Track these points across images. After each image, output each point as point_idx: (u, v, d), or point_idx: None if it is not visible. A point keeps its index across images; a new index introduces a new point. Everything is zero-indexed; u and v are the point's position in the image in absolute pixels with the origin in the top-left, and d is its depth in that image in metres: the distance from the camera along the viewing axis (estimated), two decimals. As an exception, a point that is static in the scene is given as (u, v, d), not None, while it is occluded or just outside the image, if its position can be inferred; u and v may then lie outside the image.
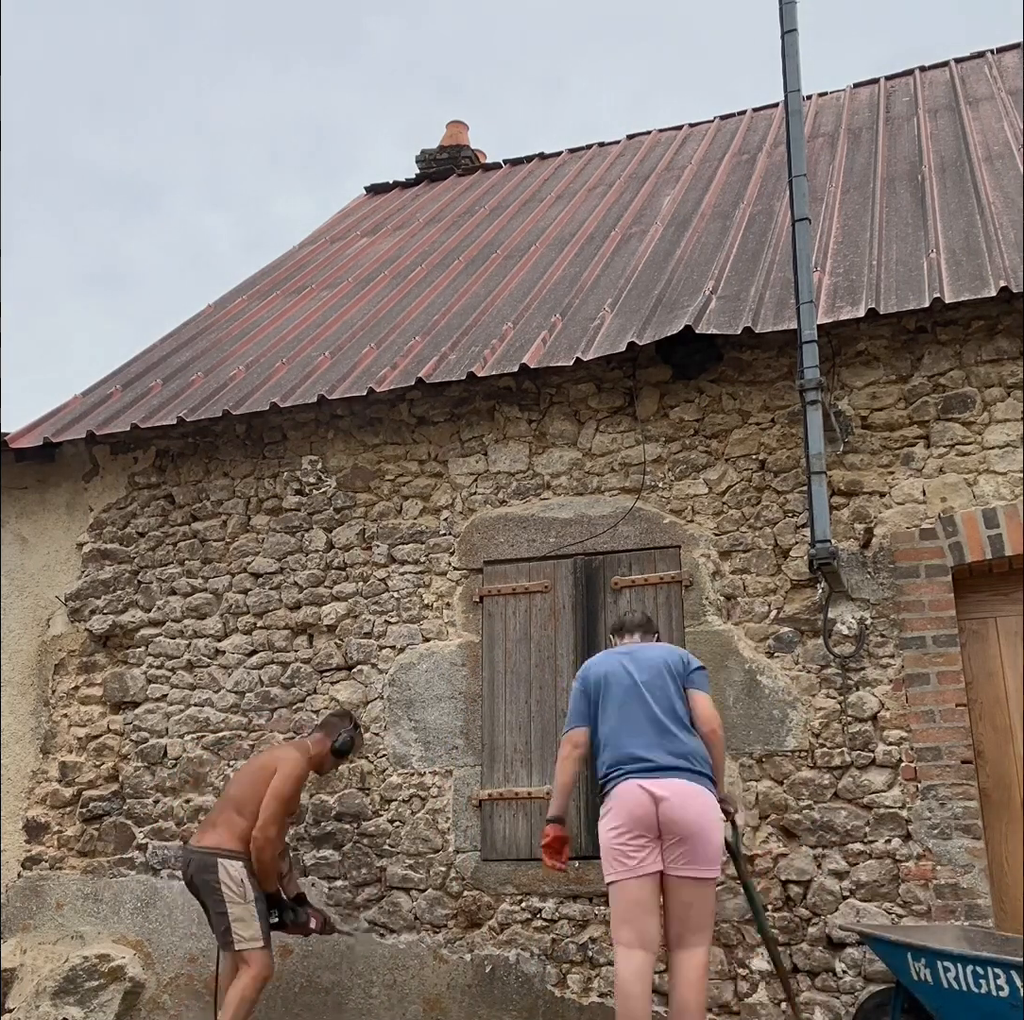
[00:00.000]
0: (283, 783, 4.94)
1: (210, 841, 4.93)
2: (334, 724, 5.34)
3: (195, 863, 4.92)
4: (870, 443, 5.37)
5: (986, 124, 7.76)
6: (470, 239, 8.75)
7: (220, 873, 4.84)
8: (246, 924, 4.84)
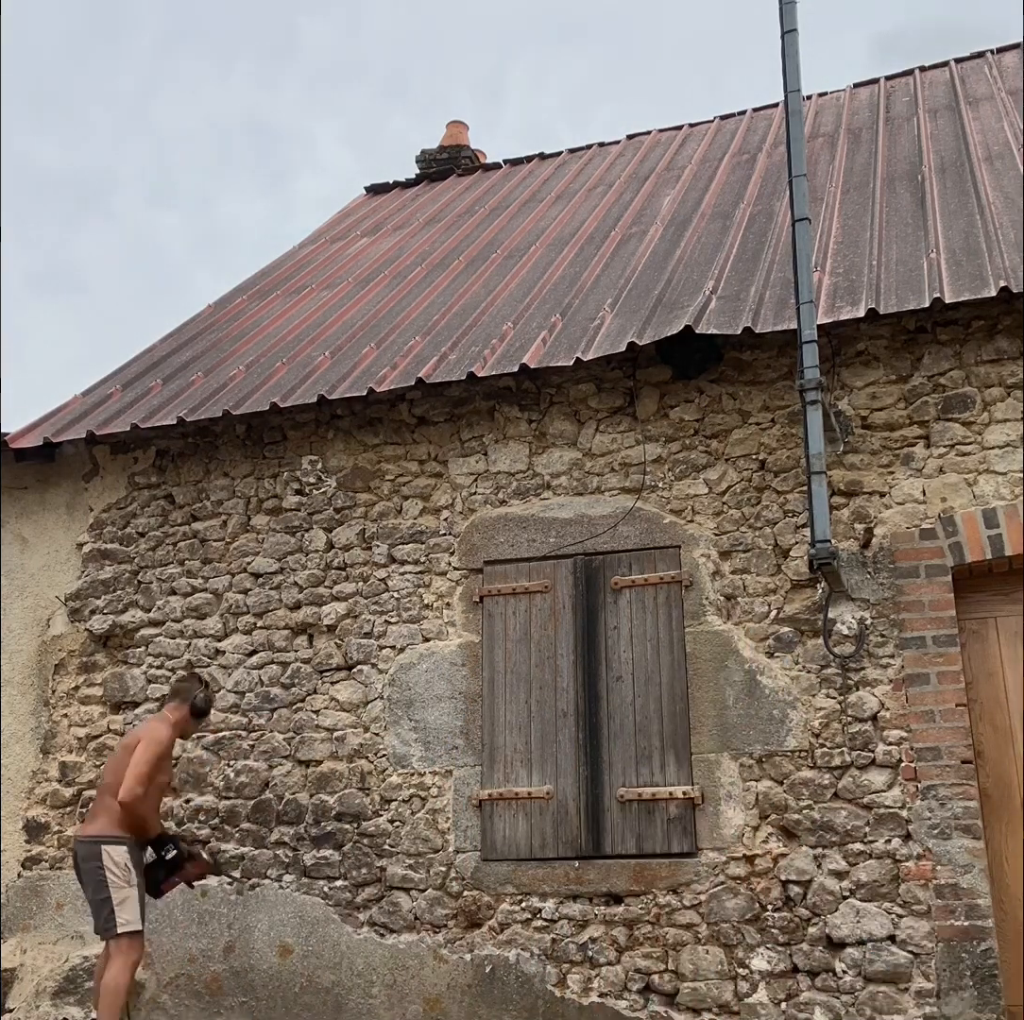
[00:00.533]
0: (145, 748, 4.96)
1: (92, 830, 5.00)
2: (187, 689, 5.32)
3: (80, 852, 4.98)
4: (870, 443, 5.37)
5: (986, 124, 7.76)
6: (470, 239, 8.75)
7: (104, 859, 4.90)
8: (128, 907, 4.89)
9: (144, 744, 4.98)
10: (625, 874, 5.20)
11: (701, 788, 5.19)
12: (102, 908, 4.89)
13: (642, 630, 5.51)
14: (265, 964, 5.63)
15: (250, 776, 5.91)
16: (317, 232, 10.59)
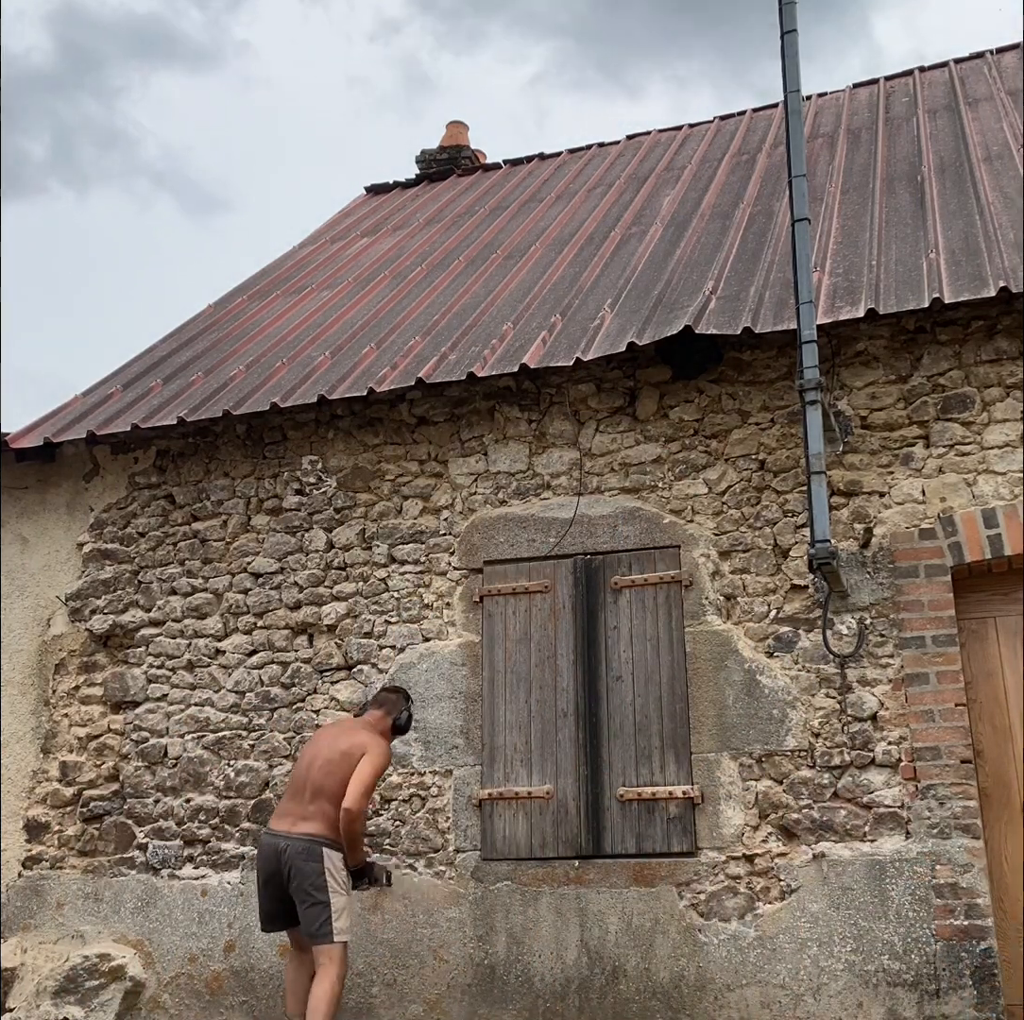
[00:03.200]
0: (372, 765, 4.80)
1: (309, 828, 4.77)
2: (393, 701, 5.21)
3: (295, 848, 4.74)
4: (870, 443, 5.37)
5: (985, 124, 7.76)
6: (470, 239, 8.76)
7: (326, 862, 4.73)
8: (345, 917, 4.75)
9: (372, 758, 4.81)
10: (625, 873, 5.21)
11: (701, 788, 5.19)
12: (318, 914, 4.68)
13: (642, 630, 5.52)
14: (266, 963, 5.63)
15: (250, 776, 5.91)
16: (317, 232, 10.59)
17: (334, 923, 4.70)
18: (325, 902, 4.69)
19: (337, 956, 4.70)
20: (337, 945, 4.70)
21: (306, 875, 4.72)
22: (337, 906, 4.73)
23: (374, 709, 5.21)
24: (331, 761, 4.87)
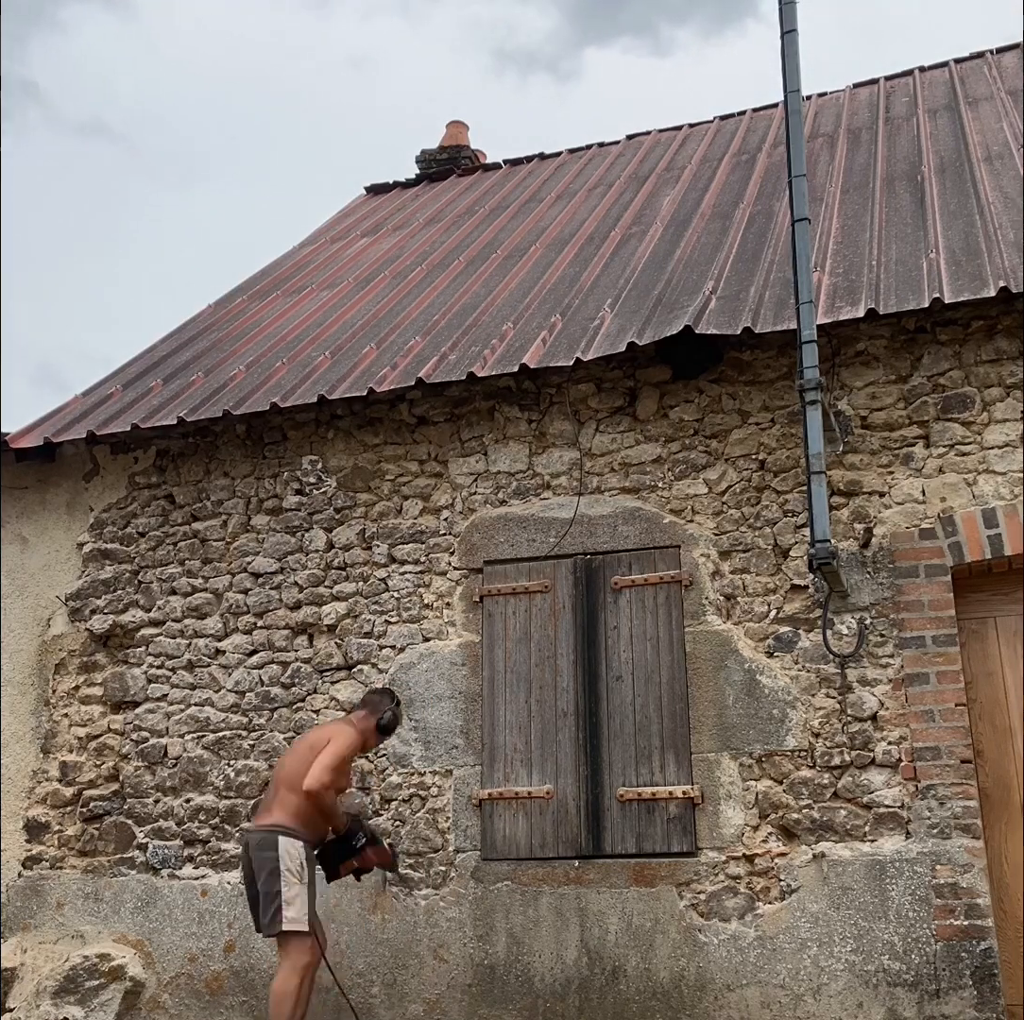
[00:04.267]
0: (335, 747, 4.80)
1: (268, 820, 4.79)
2: (376, 701, 5.17)
3: (254, 841, 4.76)
4: (870, 443, 5.37)
5: (986, 124, 7.76)
6: (470, 239, 8.76)
7: (280, 849, 4.68)
8: (296, 906, 4.64)
9: (334, 743, 4.81)
10: (625, 874, 5.20)
11: (701, 788, 5.19)
12: (270, 903, 4.63)
13: (642, 630, 5.52)
14: (265, 963, 5.63)
15: (250, 776, 5.91)
16: (317, 232, 10.59)
17: (284, 912, 4.61)
18: (277, 891, 4.64)
19: (291, 947, 4.62)
20: (290, 936, 4.62)
21: (262, 864, 4.71)
22: (288, 895, 4.64)
23: (359, 710, 5.22)
24: (297, 754, 4.94)
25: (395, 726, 5.19)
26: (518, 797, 5.47)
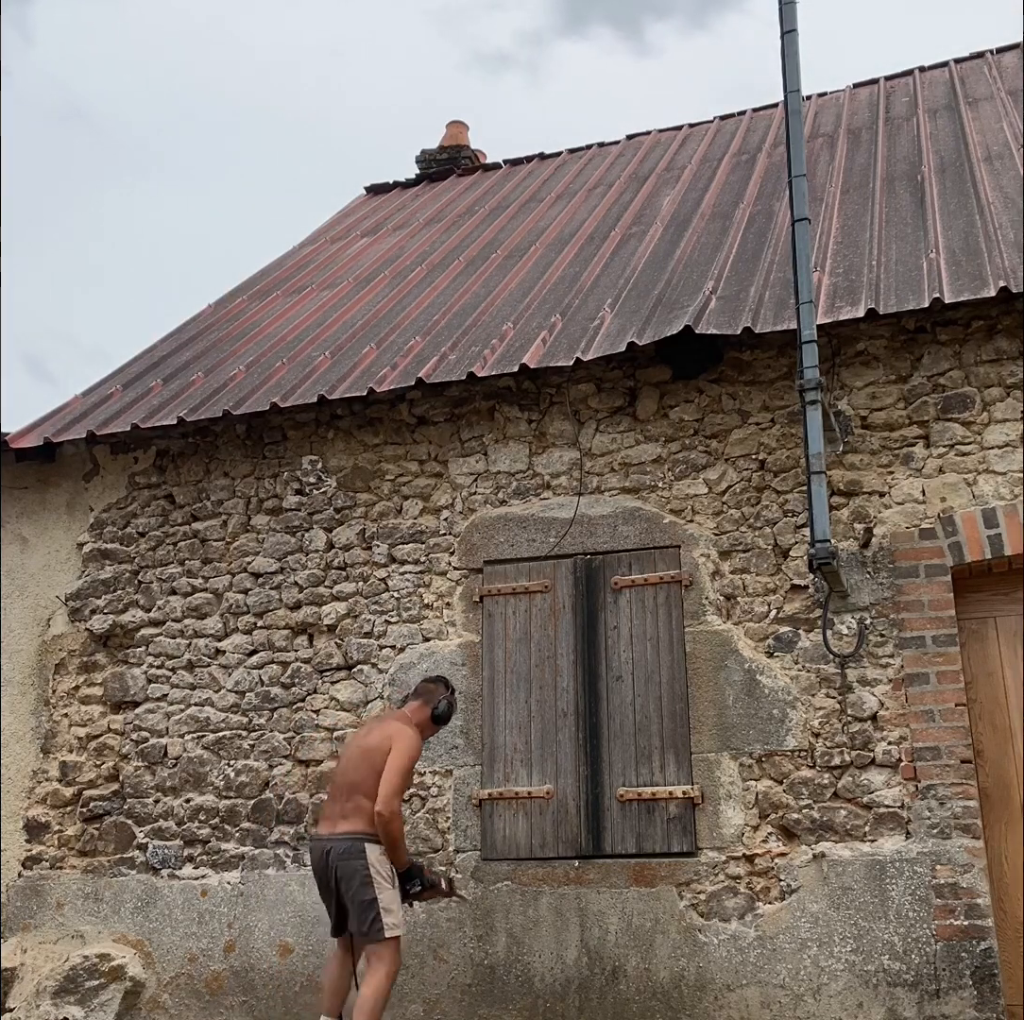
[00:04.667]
0: (403, 757, 4.70)
1: (348, 826, 4.69)
2: (431, 690, 5.06)
3: (337, 849, 4.66)
4: (870, 443, 5.37)
5: (986, 124, 7.76)
6: (470, 239, 8.76)
7: (369, 857, 4.62)
8: (394, 912, 4.62)
9: (399, 752, 4.69)
10: (625, 873, 5.20)
11: (701, 788, 5.19)
12: (366, 910, 4.56)
13: (642, 630, 5.52)
14: (265, 963, 5.63)
15: (250, 776, 5.91)
16: (317, 232, 10.59)
17: (384, 919, 4.58)
18: (373, 898, 4.59)
19: (388, 954, 4.59)
20: (388, 942, 4.59)
21: (352, 873, 4.63)
22: (385, 901, 4.61)
23: (412, 701, 5.11)
24: (360, 756, 4.82)
25: (450, 715, 5.07)
26: (518, 797, 5.47)
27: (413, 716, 4.98)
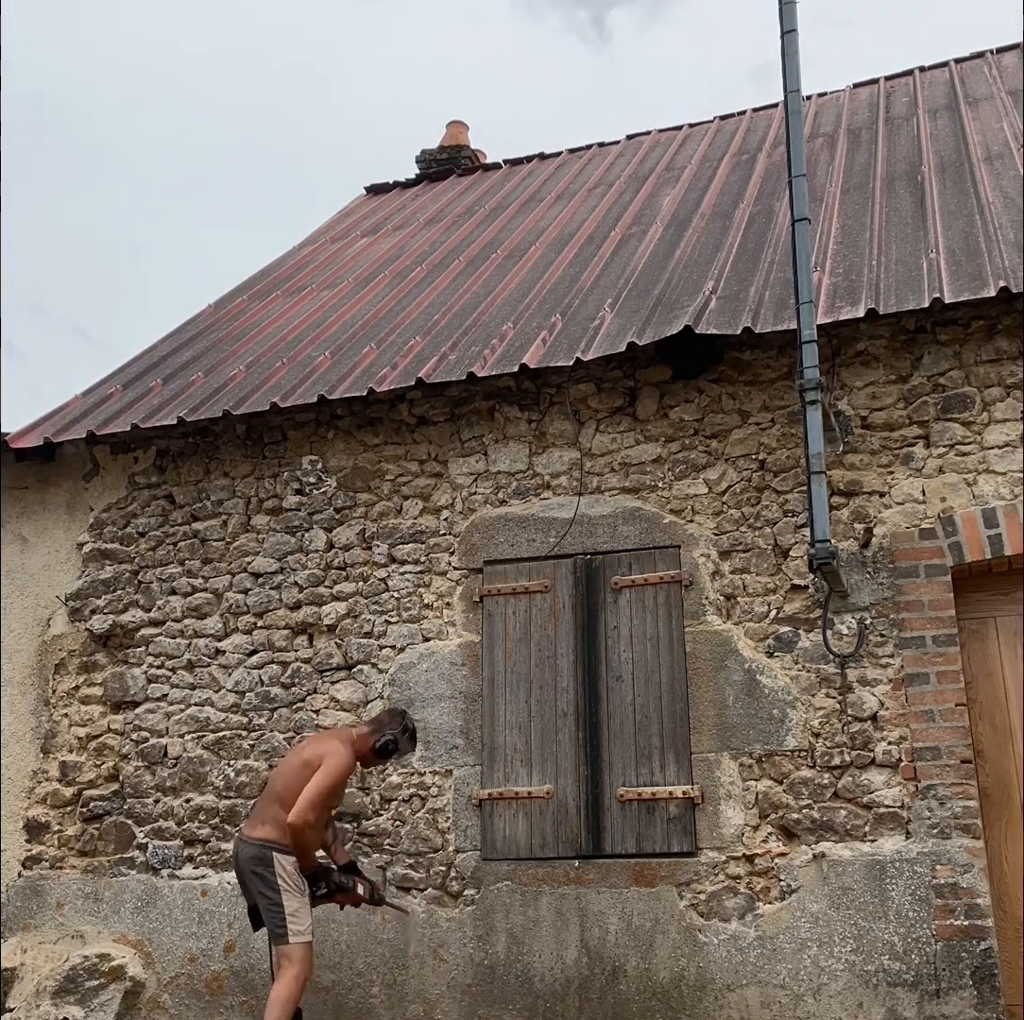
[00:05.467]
0: (325, 777, 4.80)
1: (262, 833, 4.85)
2: (384, 722, 5.14)
3: (246, 853, 4.85)
4: (870, 443, 5.37)
5: (986, 124, 7.76)
6: (470, 239, 8.76)
7: (276, 867, 4.78)
8: (300, 918, 4.78)
9: (325, 770, 4.80)
10: (625, 874, 5.20)
11: (701, 788, 5.19)
12: (274, 914, 4.76)
13: (642, 630, 5.52)
14: (265, 963, 5.62)
15: (250, 776, 5.91)
16: (317, 232, 10.60)
17: (290, 925, 4.75)
18: (277, 903, 4.77)
19: (296, 956, 4.74)
20: (295, 946, 4.75)
21: (259, 879, 4.81)
22: (291, 907, 4.77)
23: (365, 725, 5.18)
24: (292, 768, 4.96)
25: (392, 753, 5.10)
26: (518, 797, 5.47)
27: (358, 740, 5.06)
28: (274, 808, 4.89)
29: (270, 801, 4.94)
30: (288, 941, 4.75)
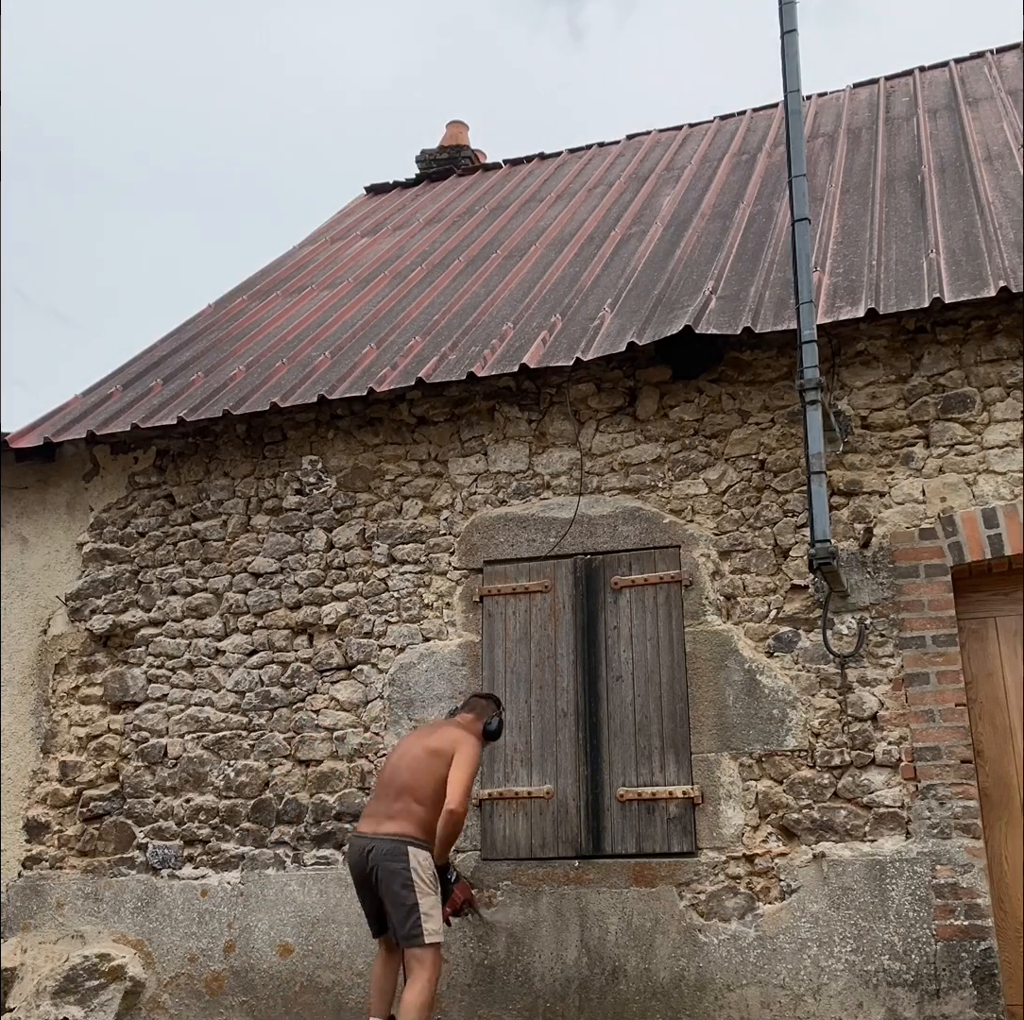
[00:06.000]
0: (468, 763, 4.71)
1: (393, 828, 4.66)
2: (484, 706, 5.09)
3: (379, 850, 4.63)
4: (870, 443, 5.37)
5: (986, 124, 7.76)
6: (470, 239, 8.76)
7: (411, 861, 4.60)
8: (434, 918, 4.61)
9: (466, 757, 4.71)
10: (625, 873, 5.20)
11: (701, 787, 5.19)
12: (407, 915, 4.54)
13: (642, 630, 5.52)
14: (265, 963, 5.63)
15: (250, 776, 5.91)
16: (317, 232, 10.60)
17: (424, 924, 4.56)
18: (414, 903, 4.57)
19: (429, 959, 4.56)
20: (429, 948, 4.57)
21: (393, 876, 4.60)
22: (426, 906, 4.59)
23: (465, 712, 5.10)
24: (418, 759, 4.80)
25: (501, 733, 5.08)
26: (518, 797, 5.47)
27: (468, 726, 4.97)
28: (404, 801, 4.70)
29: (397, 794, 4.74)
30: (424, 942, 4.54)
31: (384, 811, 4.74)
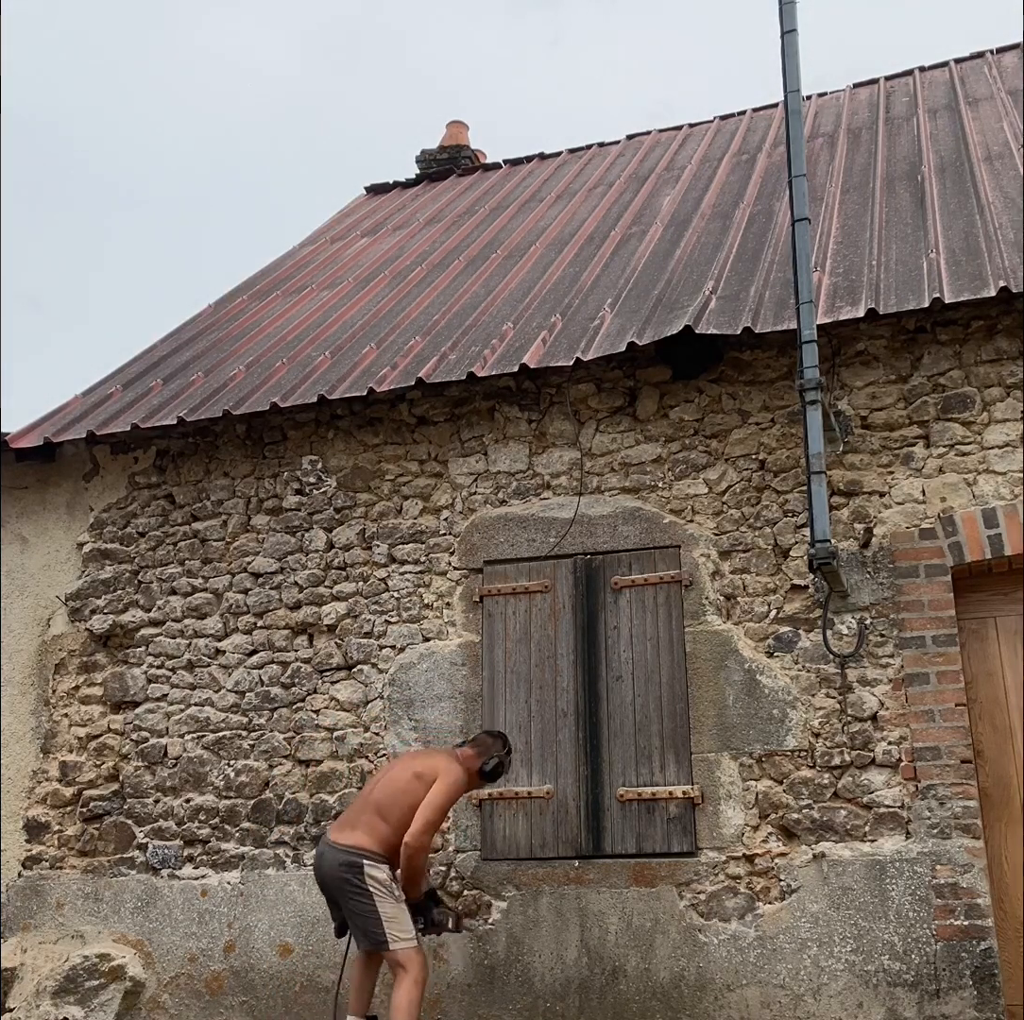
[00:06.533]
0: (442, 795, 4.65)
1: (352, 840, 4.66)
2: (489, 745, 4.97)
3: (331, 859, 4.66)
4: (870, 443, 5.38)
5: (986, 124, 7.76)
6: (470, 239, 8.76)
7: (366, 870, 4.58)
8: (400, 923, 4.59)
9: (442, 788, 4.64)
10: (625, 874, 5.21)
11: (701, 787, 5.19)
12: (368, 923, 4.57)
13: (642, 630, 5.52)
14: (265, 963, 5.63)
15: (250, 776, 5.91)
16: (317, 232, 10.60)
17: (388, 931, 4.55)
18: (372, 909, 4.56)
19: (408, 960, 4.55)
20: (403, 951, 4.56)
21: (341, 885, 4.62)
22: (387, 913, 4.58)
23: (468, 747, 5.02)
24: (397, 780, 4.78)
25: (500, 775, 4.98)
26: (518, 797, 5.47)
27: (464, 762, 4.91)
28: (369, 816, 4.69)
29: (366, 808, 4.74)
30: (390, 947, 4.55)
31: (349, 821, 4.77)
